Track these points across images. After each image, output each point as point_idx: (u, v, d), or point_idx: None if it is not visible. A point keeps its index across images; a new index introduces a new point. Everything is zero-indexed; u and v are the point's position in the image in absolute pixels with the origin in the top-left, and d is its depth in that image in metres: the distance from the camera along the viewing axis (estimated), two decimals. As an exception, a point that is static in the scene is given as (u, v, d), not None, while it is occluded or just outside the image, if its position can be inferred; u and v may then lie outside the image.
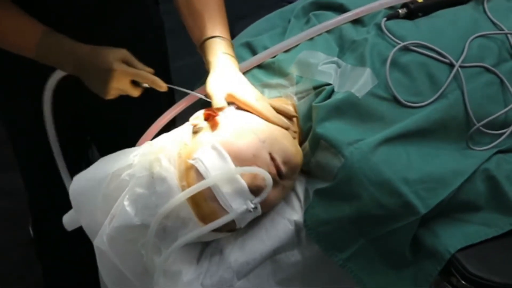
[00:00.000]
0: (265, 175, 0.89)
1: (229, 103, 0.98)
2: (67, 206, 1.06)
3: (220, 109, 0.96)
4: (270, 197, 0.91)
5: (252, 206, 0.88)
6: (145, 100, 1.24)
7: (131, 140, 1.07)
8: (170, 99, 1.32)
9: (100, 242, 0.96)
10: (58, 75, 1.09)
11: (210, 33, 1.04)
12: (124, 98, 1.24)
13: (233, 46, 1.06)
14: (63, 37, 1.02)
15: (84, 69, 1.02)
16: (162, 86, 1.02)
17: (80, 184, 1.00)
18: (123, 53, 1.01)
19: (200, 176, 0.89)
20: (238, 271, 0.95)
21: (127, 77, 1.00)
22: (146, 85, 1.03)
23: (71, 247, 1.41)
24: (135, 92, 1.03)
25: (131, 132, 1.08)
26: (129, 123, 1.24)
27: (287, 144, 0.95)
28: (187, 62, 1.93)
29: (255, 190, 0.90)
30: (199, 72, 1.11)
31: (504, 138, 0.98)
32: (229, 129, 0.94)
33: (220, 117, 0.96)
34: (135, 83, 1.02)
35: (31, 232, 1.62)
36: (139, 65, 1.02)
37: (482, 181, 0.93)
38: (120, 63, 0.99)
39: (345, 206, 0.92)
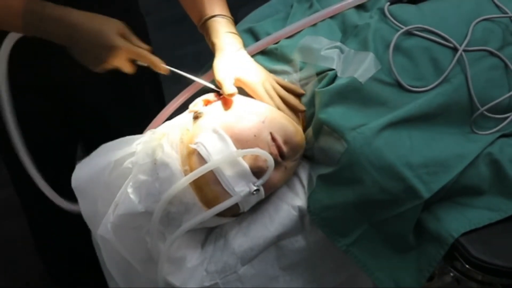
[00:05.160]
0: (266, 156, 0.89)
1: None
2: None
3: (231, 95, 0.96)
4: (272, 179, 0.92)
5: (255, 188, 0.89)
6: (133, 97, 1.23)
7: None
8: (158, 95, 1.31)
9: (104, 231, 0.96)
10: (12, 39, 0.99)
11: (209, 12, 1.03)
12: (113, 96, 1.23)
13: (234, 23, 1.05)
14: (47, 3, 0.93)
15: (78, 40, 0.93)
16: (163, 69, 0.97)
17: (82, 172, 1.00)
18: (121, 26, 0.95)
19: (202, 160, 0.89)
20: (242, 257, 0.95)
21: (127, 55, 0.95)
22: (144, 64, 0.97)
23: (69, 240, 1.41)
24: (131, 69, 0.97)
25: (119, 130, 1.06)
26: (117, 121, 1.23)
27: (286, 123, 0.95)
28: (189, 51, 1.93)
29: (257, 171, 0.90)
30: (201, 60, 1.11)
31: (508, 122, 0.98)
32: (229, 112, 0.95)
33: (219, 102, 0.97)
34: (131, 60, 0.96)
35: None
36: (136, 40, 0.96)
37: (486, 165, 0.93)
38: (121, 39, 0.93)
39: (349, 191, 0.92)
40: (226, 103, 0.97)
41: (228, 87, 0.96)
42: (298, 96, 1.02)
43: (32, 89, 1.15)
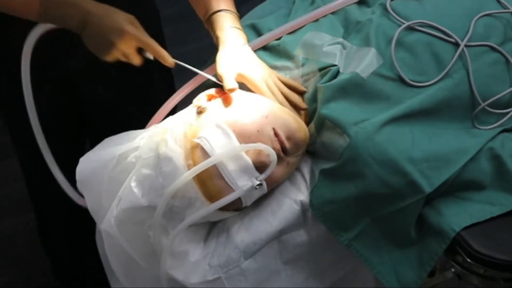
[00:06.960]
0: (269, 151, 0.89)
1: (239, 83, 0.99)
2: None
3: (232, 90, 0.97)
4: (275, 173, 0.92)
5: (257, 182, 0.89)
6: (145, 94, 1.23)
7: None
8: (170, 92, 1.32)
9: (108, 225, 0.97)
10: (38, 31, 1.00)
11: (215, 7, 1.04)
12: (123, 88, 1.23)
13: (239, 19, 1.05)
14: None
15: (90, 24, 0.94)
16: (169, 61, 0.98)
17: (86, 166, 1.00)
18: (132, 18, 0.96)
19: (205, 155, 0.90)
20: (245, 251, 0.95)
21: (135, 43, 0.96)
22: (150, 56, 0.98)
23: (77, 237, 1.41)
24: (137, 60, 0.98)
25: (129, 123, 1.07)
26: (127, 119, 1.23)
27: (289, 119, 0.95)
28: (191, 48, 1.93)
29: (260, 166, 0.91)
30: (203, 58, 1.11)
31: (509, 117, 0.98)
32: (233, 107, 0.95)
33: (223, 97, 0.97)
34: (139, 51, 0.98)
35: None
36: (145, 32, 0.97)
37: (487, 160, 0.93)
38: (132, 25, 0.95)
39: (351, 186, 0.92)
40: (229, 98, 0.97)
41: (229, 82, 0.97)
42: (300, 93, 1.02)
43: (40, 84, 1.16)
